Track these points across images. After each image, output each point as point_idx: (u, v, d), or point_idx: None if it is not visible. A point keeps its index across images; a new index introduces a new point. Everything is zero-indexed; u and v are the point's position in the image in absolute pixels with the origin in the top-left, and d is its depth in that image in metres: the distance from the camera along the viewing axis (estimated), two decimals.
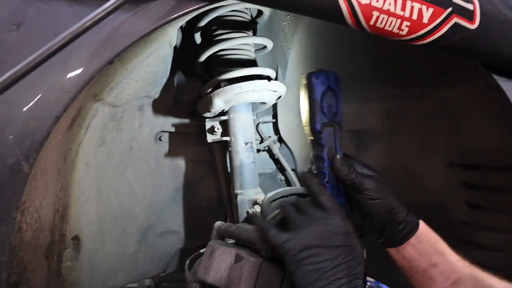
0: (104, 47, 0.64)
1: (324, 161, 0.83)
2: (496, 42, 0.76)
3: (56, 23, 0.63)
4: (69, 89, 0.63)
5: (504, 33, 0.76)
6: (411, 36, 0.71)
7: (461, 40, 0.73)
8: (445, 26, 0.71)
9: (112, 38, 0.64)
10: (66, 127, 0.82)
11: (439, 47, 0.74)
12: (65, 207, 0.95)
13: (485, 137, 1.07)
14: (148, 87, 1.11)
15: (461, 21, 0.72)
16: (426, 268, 0.84)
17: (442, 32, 0.71)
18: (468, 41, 0.74)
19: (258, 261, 0.78)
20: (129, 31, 0.65)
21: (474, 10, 0.72)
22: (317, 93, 0.81)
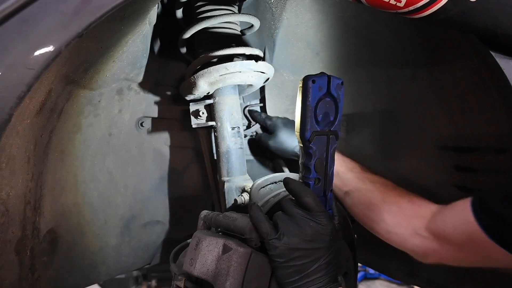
0: (72, 19, 0.57)
1: (310, 171, 0.77)
2: (496, 16, 0.71)
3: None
4: (32, 65, 0.56)
5: (505, 7, 0.71)
6: (409, 9, 0.66)
7: (460, 13, 0.69)
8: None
9: (81, 8, 0.57)
10: (34, 111, 0.75)
11: (437, 20, 0.69)
12: (38, 199, 0.88)
13: (479, 118, 1.04)
14: (127, 68, 1.03)
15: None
16: None
17: (442, 4, 0.67)
18: (467, 15, 0.69)
19: (247, 251, 0.73)
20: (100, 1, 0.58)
21: None
22: (311, 98, 0.74)
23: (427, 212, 0.92)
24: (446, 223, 0.85)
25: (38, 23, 0.56)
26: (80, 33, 0.58)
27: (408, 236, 0.94)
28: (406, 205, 0.97)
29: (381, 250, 1.47)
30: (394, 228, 0.97)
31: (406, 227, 0.94)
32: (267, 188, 0.95)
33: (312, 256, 0.72)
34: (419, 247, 0.92)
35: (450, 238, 0.84)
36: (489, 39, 0.77)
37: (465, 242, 0.80)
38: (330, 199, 0.81)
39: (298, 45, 1.25)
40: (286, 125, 1.24)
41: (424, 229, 0.91)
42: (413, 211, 0.95)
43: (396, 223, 0.97)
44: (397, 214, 0.97)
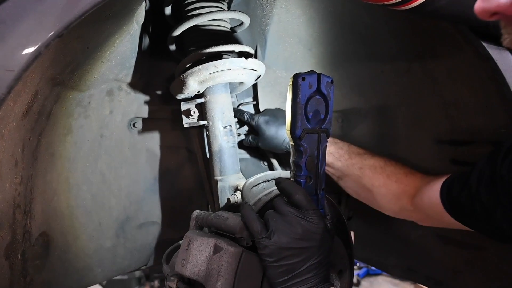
0: (50, 19, 0.56)
1: (301, 169, 0.76)
2: None
3: None
4: (11, 67, 0.55)
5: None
6: (397, 0, 0.65)
7: (449, 4, 0.67)
8: None
9: (59, 8, 0.56)
10: (20, 113, 0.74)
11: (426, 11, 0.68)
12: (29, 202, 0.87)
13: (474, 111, 1.02)
14: (116, 69, 1.02)
15: None
16: None
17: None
18: (457, 5, 0.68)
19: (238, 251, 0.72)
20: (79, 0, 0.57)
21: None
22: (302, 96, 0.73)
23: (412, 189, 1.05)
24: (423, 200, 1.00)
25: (16, 24, 0.55)
26: (60, 33, 0.57)
27: (398, 211, 1.11)
28: (393, 185, 1.09)
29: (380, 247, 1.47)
30: (385, 205, 1.13)
31: (395, 203, 1.09)
32: (259, 187, 0.94)
33: (302, 255, 0.71)
34: (408, 217, 1.11)
35: (424, 210, 1.00)
36: (481, 29, 0.75)
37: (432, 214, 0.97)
38: (322, 198, 0.80)
39: (290, 42, 1.24)
40: (269, 122, 1.22)
41: (410, 205, 1.05)
42: (400, 190, 1.08)
43: (386, 202, 1.11)
44: (386, 195, 1.10)
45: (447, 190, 0.92)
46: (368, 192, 1.13)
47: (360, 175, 1.14)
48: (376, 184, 1.11)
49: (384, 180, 1.10)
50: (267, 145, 1.24)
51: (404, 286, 4.32)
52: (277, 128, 1.20)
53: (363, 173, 1.13)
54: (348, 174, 1.16)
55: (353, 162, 1.16)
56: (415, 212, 1.05)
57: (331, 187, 1.30)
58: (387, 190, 1.10)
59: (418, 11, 0.67)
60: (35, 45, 0.56)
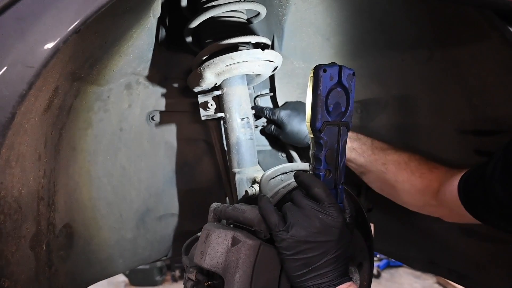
0: (68, 14, 0.56)
1: (321, 162, 0.75)
2: None
3: None
4: (31, 63, 0.56)
5: None
6: None
7: None
8: None
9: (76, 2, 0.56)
10: (41, 109, 0.75)
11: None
12: (52, 195, 0.89)
13: (499, 100, 0.98)
14: (134, 63, 1.03)
15: None
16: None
17: None
18: None
19: (256, 244, 0.72)
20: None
21: None
22: (322, 88, 0.71)
23: (436, 183, 1.04)
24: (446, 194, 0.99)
25: (35, 21, 0.56)
26: (77, 28, 0.58)
27: (422, 206, 1.10)
28: (417, 180, 1.07)
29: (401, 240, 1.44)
30: (410, 202, 1.12)
31: (419, 199, 1.08)
32: (277, 179, 0.93)
33: (320, 249, 0.70)
34: (432, 212, 1.11)
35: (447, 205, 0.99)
36: (508, 13, 0.72)
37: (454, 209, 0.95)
38: (341, 192, 0.79)
39: (307, 31, 1.21)
40: (291, 116, 1.22)
41: (434, 200, 1.04)
42: (424, 185, 1.06)
43: (410, 198, 1.10)
44: (410, 190, 1.09)
45: (464, 184, 0.91)
46: (392, 187, 1.12)
47: (383, 171, 1.13)
48: (400, 180, 1.10)
49: (408, 175, 1.09)
50: (289, 139, 1.24)
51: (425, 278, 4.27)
52: (300, 122, 1.21)
53: (386, 169, 1.12)
54: (372, 170, 1.15)
55: (376, 157, 1.15)
56: (439, 208, 1.04)
57: (350, 179, 1.29)
58: (411, 185, 1.08)
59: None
60: (54, 41, 0.56)
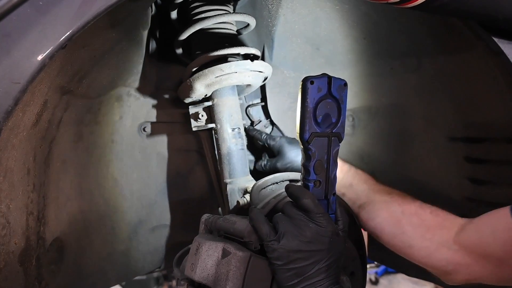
0: (53, 30, 0.56)
1: (309, 173, 0.75)
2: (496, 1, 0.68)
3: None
4: (17, 79, 0.56)
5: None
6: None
7: None
8: None
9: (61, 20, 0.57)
10: (30, 123, 0.75)
11: (432, 8, 0.66)
12: (41, 209, 0.89)
13: (487, 107, 0.99)
14: (124, 75, 1.03)
15: None
16: None
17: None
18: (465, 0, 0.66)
19: (246, 255, 0.72)
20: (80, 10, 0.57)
21: None
22: (310, 100, 0.71)
23: (454, 224, 0.84)
24: (483, 233, 0.77)
25: (20, 37, 0.56)
26: (63, 44, 0.58)
27: (434, 249, 0.85)
28: (428, 216, 0.89)
29: None
30: (417, 241, 0.88)
31: (430, 239, 0.86)
32: (268, 189, 0.93)
33: (311, 258, 0.70)
34: (448, 261, 0.83)
35: (488, 251, 0.75)
36: (491, 24, 0.73)
37: (508, 255, 0.72)
38: (333, 202, 0.79)
39: (297, 41, 1.23)
40: (291, 142, 1.18)
41: (452, 242, 0.82)
42: (437, 222, 0.87)
43: (418, 236, 0.87)
44: (419, 226, 0.88)
45: None
46: (396, 222, 0.91)
47: (388, 200, 0.96)
48: (407, 212, 0.91)
49: (417, 209, 0.91)
50: (288, 167, 1.16)
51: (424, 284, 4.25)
52: (298, 152, 1.15)
53: (392, 198, 0.96)
54: (374, 199, 0.99)
55: (380, 187, 1.02)
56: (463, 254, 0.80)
57: None
58: (420, 220, 0.89)
59: (424, 9, 0.66)
60: (40, 57, 0.57)
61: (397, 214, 0.92)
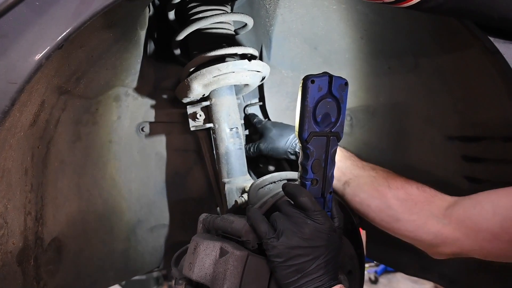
0: (49, 30, 0.57)
1: (307, 171, 0.76)
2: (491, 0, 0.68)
3: None
4: (14, 80, 0.56)
5: None
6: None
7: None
8: None
9: (57, 20, 0.57)
10: (27, 123, 0.76)
11: (428, 8, 0.66)
12: (40, 209, 0.89)
13: (484, 106, 1.00)
14: (122, 75, 1.04)
15: None
16: None
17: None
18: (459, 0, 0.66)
19: (244, 254, 0.72)
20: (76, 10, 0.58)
21: None
22: (310, 99, 0.71)
23: (443, 200, 0.84)
24: (482, 208, 0.76)
25: (17, 37, 0.56)
26: (60, 44, 0.58)
27: (422, 223, 0.84)
28: (415, 191, 0.88)
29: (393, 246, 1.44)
30: (404, 215, 0.87)
31: (418, 213, 0.85)
32: (265, 189, 0.94)
33: (311, 254, 0.71)
34: (436, 235, 0.82)
35: (484, 226, 0.75)
36: (486, 23, 0.73)
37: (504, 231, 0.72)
38: (329, 201, 0.79)
39: (295, 41, 1.23)
40: (275, 125, 1.20)
41: (442, 216, 0.82)
42: (424, 198, 0.86)
43: (406, 209, 0.86)
44: (406, 200, 0.87)
45: None
46: (381, 196, 0.90)
47: (373, 174, 0.96)
48: (393, 186, 0.90)
49: (403, 183, 0.90)
50: (269, 148, 1.17)
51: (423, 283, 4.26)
52: (282, 129, 1.18)
53: (376, 172, 0.96)
54: (358, 174, 0.98)
55: (364, 163, 1.02)
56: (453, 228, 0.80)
57: None
58: (407, 194, 0.88)
59: (419, 8, 0.66)
60: (36, 57, 0.57)
61: (383, 188, 0.91)
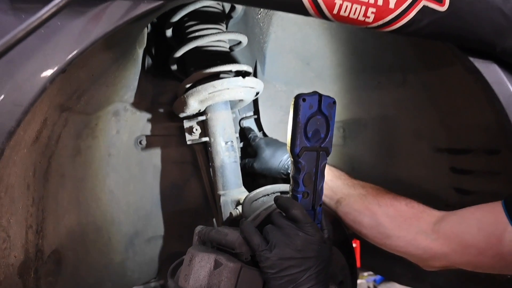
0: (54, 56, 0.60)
1: (299, 184, 0.80)
2: (469, 23, 0.72)
3: None
4: (20, 102, 0.60)
5: (477, 13, 0.72)
6: (378, 23, 0.68)
7: (431, 24, 0.70)
8: (413, 10, 0.68)
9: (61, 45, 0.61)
10: (30, 140, 0.79)
11: (409, 32, 0.70)
12: (40, 222, 0.92)
13: (469, 120, 1.04)
14: (120, 91, 1.07)
15: (430, 4, 0.68)
16: None
17: (411, 17, 0.68)
18: (438, 24, 0.71)
19: (237, 266, 0.75)
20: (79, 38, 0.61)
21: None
22: (301, 116, 0.76)
23: (431, 215, 0.88)
24: (468, 224, 0.80)
25: (23, 63, 0.60)
26: (63, 69, 0.62)
27: (411, 239, 0.88)
28: (404, 207, 0.92)
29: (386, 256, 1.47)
30: (394, 231, 0.90)
31: (407, 229, 0.89)
32: (259, 201, 0.97)
33: (302, 265, 0.73)
34: (425, 250, 0.86)
35: (470, 241, 0.79)
36: (465, 45, 0.78)
37: (489, 246, 0.76)
38: (319, 213, 0.83)
39: (288, 57, 1.27)
40: (269, 144, 1.21)
41: (431, 231, 0.85)
42: (412, 213, 0.90)
43: (395, 226, 0.90)
44: (395, 217, 0.91)
45: None
46: (372, 214, 0.94)
47: (363, 193, 0.99)
48: (383, 203, 0.93)
49: (392, 201, 0.94)
50: (262, 167, 1.18)
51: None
52: (275, 149, 1.18)
53: (366, 191, 1.00)
54: (349, 193, 1.01)
55: (354, 182, 1.05)
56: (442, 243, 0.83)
57: None
58: (396, 211, 0.91)
59: (401, 32, 0.70)
60: (41, 81, 0.61)
61: (373, 206, 0.94)
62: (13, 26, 0.61)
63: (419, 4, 0.67)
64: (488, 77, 0.80)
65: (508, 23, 0.73)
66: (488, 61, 0.80)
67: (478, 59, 0.80)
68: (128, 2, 0.65)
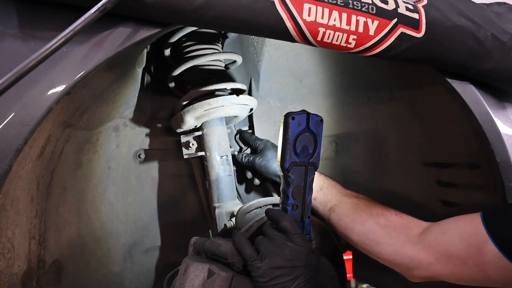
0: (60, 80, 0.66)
1: (288, 197, 0.85)
2: (444, 48, 0.78)
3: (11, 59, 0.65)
4: (27, 122, 0.65)
5: (452, 39, 0.78)
6: (359, 48, 0.74)
7: (409, 49, 0.76)
8: (391, 37, 0.73)
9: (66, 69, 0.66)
10: (35, 156, 0.84)
11: (388, 56, 0.76)
12: (43, 233, 0.96)
13: (451, 136, 1.09)
14: (121, 108, 1.13)
15: (407, 31, 0.74)
16: None
17: (389, 43, 0.74)
18: (416, 49, 0.76)
19: (229, 275, 0.80)
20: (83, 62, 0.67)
21: (420, 19, 0.75)
22: (291, 133, 0.81)
23: (419, 226, 0.93)
24: (449, 234, 0.84)
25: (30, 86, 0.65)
26: (68, 91, 0.67)
27: (400, 247, 0.92)
28: (394, 217, 0.97)
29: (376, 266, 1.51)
30: (384, 239, 0.95)
31: (396, 237, 0.93)
32: (252, 213, 1.01)
33: (292, 274, 0.78)
34: (412, 258, 0.90)
35: (452, 251, 0.83)
36: (442, 68, 0.83)
37: (469, 256, 0.80)
38: (308, 224, 0.87)
39: (281, 74, 1.33)
40: (275, 147, 1.26)
41: (417, 241, 0.90)
42: (402, 223, 0.95)
43: (385, 234, 0.95)
44: (385, 226, 0.96)
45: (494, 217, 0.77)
46: (364, 222, 0.99)
47: (356, 202, 1.05)
48: (374, 213, 0.99)
49: (383, 210, 0.99)
50: (263, 164, 1.21)
51: None
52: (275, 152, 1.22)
53: (359, 200, 1.06)
54: (342, 201, 1.07)
55: (348, 191, 1.11)
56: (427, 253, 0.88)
57: None
58: (387, 220, 0.97)
59: (381, 56, 0.76)
60: (47, 102, 0.66)
61: (365, 214, 1.00)
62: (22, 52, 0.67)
63: (397, 31, 0.73)
64: (465, 97, 0.86)
65: (481, 47, 0.79)
66: (465, 82, 0.86)
67: (455, 80, 0.85)
68: (128, 30, 0.71)
